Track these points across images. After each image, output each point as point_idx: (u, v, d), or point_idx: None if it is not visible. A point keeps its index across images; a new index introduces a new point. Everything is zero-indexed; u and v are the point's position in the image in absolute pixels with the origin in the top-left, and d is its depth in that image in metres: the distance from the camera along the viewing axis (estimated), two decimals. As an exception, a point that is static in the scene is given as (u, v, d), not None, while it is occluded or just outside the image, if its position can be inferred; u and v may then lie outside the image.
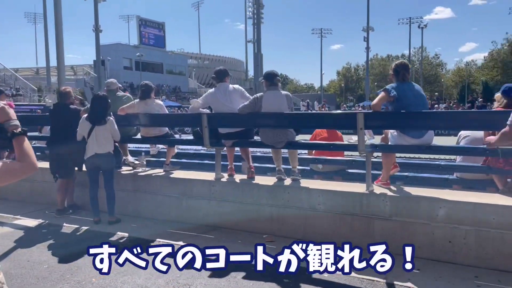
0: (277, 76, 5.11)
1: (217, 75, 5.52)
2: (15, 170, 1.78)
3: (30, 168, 1.81)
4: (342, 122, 4.54)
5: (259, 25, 46.35)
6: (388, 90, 4.27)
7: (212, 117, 5.38)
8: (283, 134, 4.97)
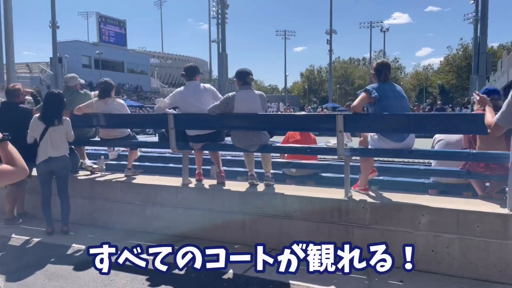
0: (249, 74, 4.78)
1: (187, 72, 5.12)
2: (6, 173, 1.77)
3: (21, 172, 1.82)
4: (320, 124, 4.26)
5: (224, 25, 45.95)
6: (369, 91, 4.04)
7: (179, 117, 4.97)
8: (256, 137, 4.64)
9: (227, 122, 4.74)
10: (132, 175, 5.85)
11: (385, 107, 4.02)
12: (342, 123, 4.08)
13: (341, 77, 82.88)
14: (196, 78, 5.17)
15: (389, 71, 4.24)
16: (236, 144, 4.76)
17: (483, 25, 27.67)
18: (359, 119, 4.07)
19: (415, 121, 3.85)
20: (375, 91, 4.03)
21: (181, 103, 5.09)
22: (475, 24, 50.18)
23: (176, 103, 5.11)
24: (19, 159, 1.83)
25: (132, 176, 5.79)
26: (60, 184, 5.22)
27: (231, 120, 4.70)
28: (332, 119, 4.13)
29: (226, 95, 4.73)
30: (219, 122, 4.74)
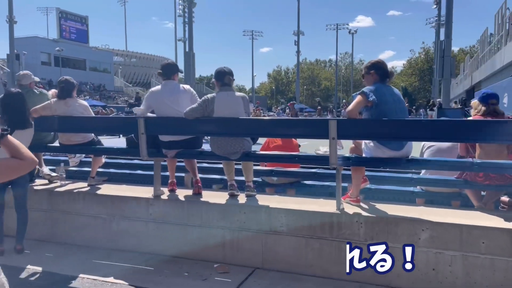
0: (228, 74, 4.31)
1: (164, 70, 4.59)
2: (15, 167, 1.80)
3: (30, 163, 1.84)
4: (310, 130, 3.85)
5: (191, 23, 45.05)
6: (366, 94, 3.67)
7: (151, 121, 4.44)
8: (238, 144, 4.18)
9: (206, 127, 4.25)
10: (96, 184, 5.26)
11: (384, 112, 3.66)
12: (336, 129, 3.69)
13: (308, 78, 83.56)
14: (174, 77, 4.66)
15: (387, 71, 3.89)
16: (215, 152, 4.29)
17: (448, 29, 28.21)
18: (355, 125, 3.69)
19: (422, 128, 3.50)
20: (372, 94, 3.66)
21: (156, 104, 4.56)
22: (437, 28, 51.95)
23: (151, 105, 4.57)
24: (25, 151, 1.82)
25: (96, 186, 5.21)
26: (18, 195, 4.56)
27: (210, 125, 4.22)
28: (324, 124, 3.73)
29: (205, 97, 4.25)
30: (197, 127, 4.25)
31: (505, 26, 19.04)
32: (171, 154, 4.48)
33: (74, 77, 5.50)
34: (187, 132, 4.33)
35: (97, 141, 5.21)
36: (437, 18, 52.00)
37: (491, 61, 21.04)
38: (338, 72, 74.85)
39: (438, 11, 51.83)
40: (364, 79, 3.99)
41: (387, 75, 3.88)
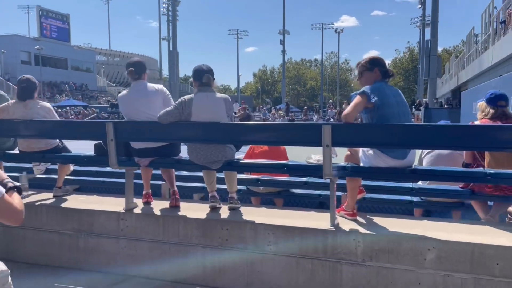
0: (207, 72, 3.82)
1: (135, 68, 4.07)
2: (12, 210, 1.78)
3: (17, 219, 1.82)
4: (301, 136, 3.38)
5: (175, 21, 44.29)
6: (368, 95, 3.22)
7: (120, 126, 3.93)
8: (220, 152, 3.71)
9: (183, 132, 3.76)
10: (62, 195, 4.74)
11: (386, 116, 3.22)
12: (330, 135, 3.23)
13: (293, 78, 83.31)
14: (144, 77, 4.16)
15: (386, 67, 3.46)
16: (194, 160, 3.80)
17: (434, 29, 28.24)
18: (353, 131, 3.23)
19: (433, 135, 3.03)
20: (374, 95, 3.22)
21: (125, 109, 4.06)
22: (422, 28, 52.20)
23: (121, 111, 4.09)
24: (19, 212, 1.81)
25: (62, 197, 4.68)
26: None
27: (188, 130, 3.73)
28: (317, 130, 3.27)
29: (181, 98, 3.76)
30: (172, 132, 3.75)
31: (493, 25, 18.92)
32: (145, 163, 3.98)
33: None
34: (161, 139, 3.84)
35: (63, 148, 4.67)
36: (422, 18, 52.37)
37: (478, 61, 20.97)
38: (324, 72, 74.73)
39: (423, 11, 52.10)
40: (361, 78, 3.53)
41: (388, 73, 3.45)
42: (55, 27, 59.66)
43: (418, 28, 55.70)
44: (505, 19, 16.54)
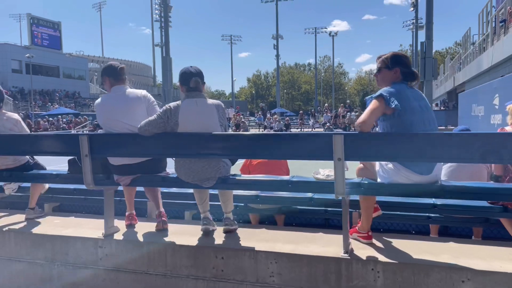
0: (195, 75, 3.29)
1: (109, 73, 3.56)
2: None
3: None
4: (309, 149, 2.85)
5: (167, 27, 43.69)
6: (386, 98, 2.71)
7: (96, 140, 3.38)
8: (213, 168, 3.18)
9: (168, 146, 3.22)
10: (35, 217, 4.20)
11: (409, 124, 2.71)
12: (342, 147, 2.71)
13: (288, 82, 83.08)
14: (123, 81, 3.63)
15: (410, 67, 2.95)
16: (182, 178, 3.26)
17: (429, 30, 27.81)
18: (371, 142, 2.70)
19: (472, 145, 2.49)
20: (394, 98, 2.71)
21: (102, 119, 3.53)
22: (415, 30, 52.11)
23: (98, 120, 3.55)
24: None
25: (35, 220, 4.13)
26: None
27: (174, 143, 3.19)
28: (327, 141, 2.75)
29: (166, 106, 3.23)
30: (156, 146, 3.21)
31: (491, 25, 18.55)
32: (125, 181, 3.43)
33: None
34: (143, 153, 3.30)
35: (34, 164, 4.12)
36: (415, 21, 52.27)
37: (476, 62, 20.56)
38: (318, 76, 74.41)
39: (416, 14, 52.02)
40: (378, 74, 3.03)
41: (413, 75, 2.93)
42: (46, 35, 58.97)
43: (411, 30, 55.68)
44: (505, 18, 16.15)
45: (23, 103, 46.51)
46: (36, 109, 43.99)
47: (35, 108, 43.73)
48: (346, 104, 31.63)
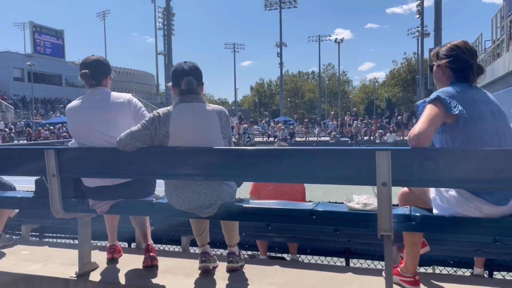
0: (189, 74, 2.54)
1: (90, 70, 2.85)
2: None
3: None
4: (339, 170, 2.11)
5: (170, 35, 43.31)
6: (446, 102, 2.01)
7: (67, 156, 2.66)
8: (214, 192, 2.45)
9: (155, 164, 2.48)
10: (2, 246, 3.49)
11: (477, 135, 2.00)
12: (390, 167, 1.99)
13: (291, 90, 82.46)
14: (105, 82, 2.93)
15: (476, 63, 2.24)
16: (174, 205, 2.54)
17: (437, 36, 27.27)
18: (430, 161, 1.96)
19: None
20: (456, 102, 2.00)
21: (74, 127, 2.81)
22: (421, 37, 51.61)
23: (69, 130, 2.84)
24: None
25: (0, 251, 3.42)
26: None
27: (164, 161, 2.46)
28: (367, 158, 2.03)
29: (154, 113, 2.51)
30: (141, 165, 2.49)
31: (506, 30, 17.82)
32: (102, 208, 2.70)
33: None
34: (123, 174, 2.57)
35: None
36: (420, 28, 51.72)
37: (490, 68, 19.81)
38: (322, 84, 73.80)
39: (421, 21, 51.58)
40: (432, 72, 2.35)
41: (480, 69, 2.22)
42: (49, 43, 58.74)
43: (416, 38, 55.12)
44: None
45: (24, 111, 46.04)
46: (38, 117, 43.52)
47: (37, 117, 43.27)
48: (353, 112, 30.86)
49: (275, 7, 57.62)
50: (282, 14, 57.02)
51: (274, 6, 57.74)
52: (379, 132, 24.80)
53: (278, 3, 57.12)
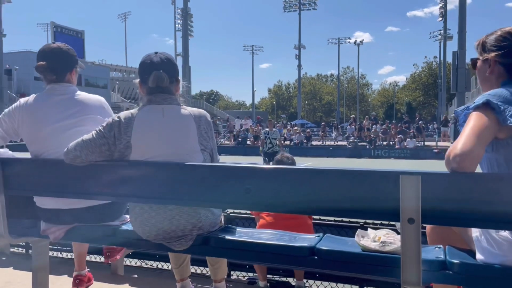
0: (158, 68, 1.99)
1: (49, 62, 2.35)
2: None
3: None
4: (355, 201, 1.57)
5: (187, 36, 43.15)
6: (499, 110, 1.45)
7: (13, 170, 2.16)
8: (187, 219, 1.91)
9: (113, 182, 1.95)
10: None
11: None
12: (419, 198, 1.42)
13: (309, 93, 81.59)
14: (68, 77, 2.43)
15: None
16: (139, 233, 2.00)
17: (461, 39, 26.26)
18: (478, 191, 1.40)
19: None
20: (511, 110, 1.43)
21: (27, 132, 2.29)
22: (443, 40, 50.38)
23: (14, 130, 2.31)
24: None
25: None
26: None
27: (123, 177, 1.93)
28: (391, 182, 1.47)
29: (114, 117, 1.97)
30: (95, 183, 1.97)
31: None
32: (56, 234, 2.18)
33: None
34: (75, 193, 2.04)
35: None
36: (443, 31, 50.44)
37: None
38: (340, 87, 72.74)
39: (444, 24, 50.33)
40: (477, 71, 1.78)
41: None
42: (69, 43, 59.34)
43: (438, 41, 53.81)
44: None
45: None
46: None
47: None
48: (372, 116, 29.99)
49: (294, 9, 57.00)
50: (301, 16, 56.39)
51: (293, 8, 57.13)
52: (399, 137, 23.96)
53: (298, 4, 56.48)
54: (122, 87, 73.85)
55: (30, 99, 2.33)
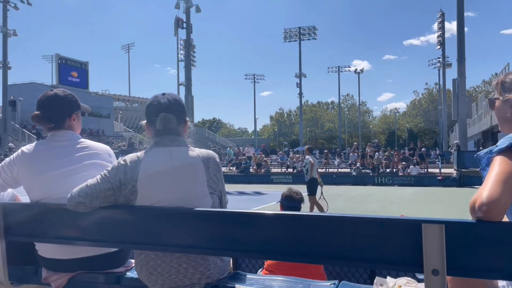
0: (166, 110, 1.94)
1: (45, 110, 2.29)
2: None
3: None
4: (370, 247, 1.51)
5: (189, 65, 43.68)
6: None
7: (14, 217, 2.08)
8: (196, 268, 1.82)
9: (117, 228, 1.87)
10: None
11: None
12: (444, 248, 1.34)
13: (310, 120, 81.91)
14: (68, 123, 2.34)
15: None
16: (145, 282, 1.90)
17: (461, 66, 26.41)
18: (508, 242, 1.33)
19: None
20: None
21: (28, 179, 2.20)
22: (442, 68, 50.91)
23: (13, 179, 2.22)
24: None
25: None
26: None
27: (127, 223, 1.85)
28: (413, 231, 1.39)
29: (120, 160, 1.92)
30: (99, 230, 1.89)
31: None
32: (58, 283, 2.09)
33: None
34: (77, 240, 1.95)
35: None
36: (441, 59, 51.03)
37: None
38: (341, 114, 73.07)
39: (443, 52, 50.99)
40: (495, 110, 1.70)
41: None
42: (73, 74, 60.27)
43: (437, 69, 54.35)
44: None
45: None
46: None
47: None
48: (374, 144, 29.94)
49: (295, 39, 57.92)
50: (301, 45, 57.25)
51: (293, 38, 58.07)
52: (402, 164, 23.82)
53: (298, 35, 57.45)
54: (125, 116, 74.50)
55: (30, 147, 2.25)
